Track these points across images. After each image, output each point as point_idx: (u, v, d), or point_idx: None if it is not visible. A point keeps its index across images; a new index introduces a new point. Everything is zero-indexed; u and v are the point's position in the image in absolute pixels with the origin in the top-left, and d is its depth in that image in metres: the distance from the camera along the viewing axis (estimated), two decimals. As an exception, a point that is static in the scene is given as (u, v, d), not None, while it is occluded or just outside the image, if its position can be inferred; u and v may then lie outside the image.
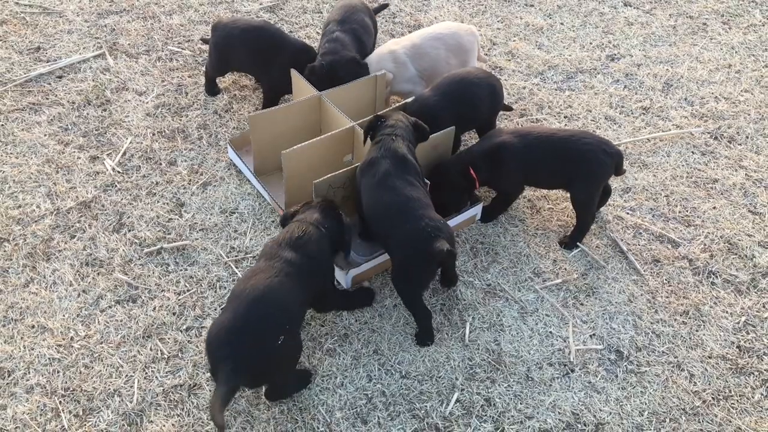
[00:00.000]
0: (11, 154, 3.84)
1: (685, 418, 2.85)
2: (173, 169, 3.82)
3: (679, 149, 4.12)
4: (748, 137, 4.22)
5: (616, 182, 3.81)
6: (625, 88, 4.57)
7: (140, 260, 3.34)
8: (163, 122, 4.10)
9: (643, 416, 2.84)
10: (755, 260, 3.48)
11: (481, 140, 3.60)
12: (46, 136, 3.96)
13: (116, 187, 3.69)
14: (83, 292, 3.19)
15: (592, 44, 4.95)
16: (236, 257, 3.37)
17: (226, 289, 3.22)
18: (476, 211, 3.59)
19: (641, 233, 3.60)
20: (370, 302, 3.19)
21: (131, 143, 3.95)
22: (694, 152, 4.10)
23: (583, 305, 3.26)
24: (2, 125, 4.01)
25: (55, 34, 4.71)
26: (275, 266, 2.71)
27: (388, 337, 3.09)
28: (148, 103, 4.21)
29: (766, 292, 3.34)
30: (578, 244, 3.50)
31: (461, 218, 3.53)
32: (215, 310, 3.13)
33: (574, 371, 2.99)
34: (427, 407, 2.84)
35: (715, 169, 4.00)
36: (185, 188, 3.71)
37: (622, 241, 3.55)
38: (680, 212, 3.73)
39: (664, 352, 3.08)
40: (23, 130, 3.99)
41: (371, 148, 3.17)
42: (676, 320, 3.21)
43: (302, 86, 3.78)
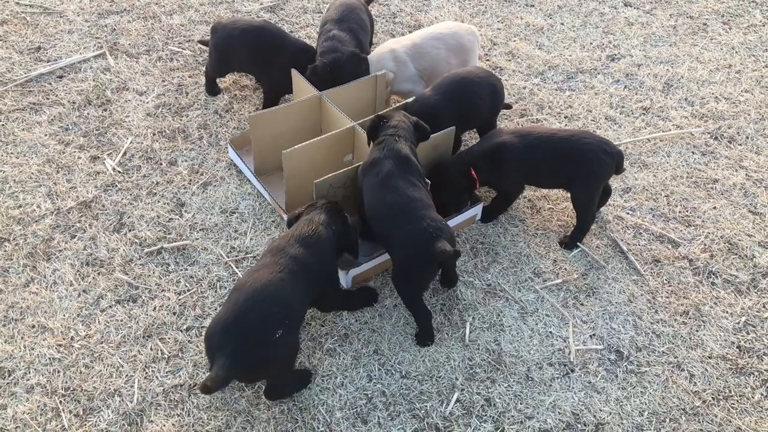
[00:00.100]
0: (12, 153, 3.85)
1: (685, 418, 2.85)
2: (174, 169, 3.82)
3: (679, 149, 4.12)
4: (748, 137, 4.22)
5: (616, 182, 3.81)
6: (625, 88, 4.57)
7: (140, 260, 3.34)
8: (163, 122, 4.10)
9: (643, 416, 2.84)
10: (755, 260, 3.48)
11: (481, 140, 3.60)
12: (46, 136, 3.96)
13: (117, 187, 3.70)
14: (83, 291, 3.19)
15: (592, 44, 4.95)
16: (236, 257, 3.37)
17: (226, 289, 3.22)
18: (476, 211, 3.59)
19: (641, 233, 3.60)
20: (372, 302, 3.20)
21: (132, 143, 3.95)
22: (694, 152, 4.10)
23: (583, 305, 3.26)
24: (3, 125, 4.01)
25: (55, 33, 4.71)
26: (280, 262, 2.72)
27: (388, 337, 3.09)
28: (148, 103, 4.22)
29: (766, 292, 3.34)
30: (578, 244, 3.51)
31: (461, 218, 3.53)
32: (215, 309, 3.13)
33: (574, 371, 2.99)
34: (427, 407, 2.84)
35: (715, 169, 4.00)
36: (186, 188, 3.71)
37: (622, 241, 3.55)
38: (680, 212, 3.73)
39: (664, 352, 3.08)
40: (24, 129, 3.99)
41: (373, 148, 3.17)
42: (676, 320, 3.21)
43: (302, 86, 3.79)
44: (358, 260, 3.20)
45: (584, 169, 3.35)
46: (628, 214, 3.70)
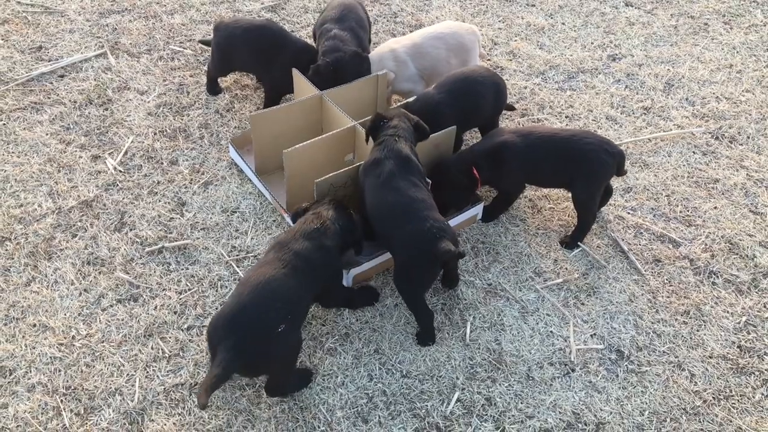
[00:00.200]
0: (13, 153, 3.85)
1: (685, 417, 2.85)
2: (175, 168, 3.82)
3: (680, 149, 4.12)
4: (749, 137, 4.22)
5: (617, 182, 3.81)
6: (626, 88, 4.57)
7: (141, 259, 3.34)
8: (164, 121, 4.10)
9: (643, 416, 2.85)
10: (756, 260, 3.48)
11: (483, 139, 3.61)
12: (47, 135, 3.97)
13: (118, 186, 3.70)
14: (85, 291, 3.19)
15: (593, 44, 4.95)
16: (237, 256, 3.37)
17: (227, 288, 3.23)
18: (477, 210, 3.59)
19: (642, 233, 3.60)
20: (373, 302, 3.20)
21: (133, 142, 3.95)
22: (695, 152, 4.10)
23: (583, 305, 3.26)
24: (4, 124, 4.02)
25: (56, 33, 4.72)
26: (284, 258, 2.74)
27: (389, 336, 3.09)
28: (149, 102, 4.22)
29: (766, 292, 3.34)
30: (579, 243, 3.51)
31: (462, 218, 3.53)
32: (216, 309, 3.13)
33: (574, 371, 2.99)
34: (428, 406, 2.84)
35: (716, 169, 3.99)
36: (187, 187, 3.72)
37: (623, 240, 3.55)
38: (681, 212, 3.73)
39: (664, 351, 3.08)
40: (25, 129, 4.00)
41: (374, 148, 3.18)
42: (676, 320, 3.21)
43: (303, 85, 3.79)
44: (359, 259, 3.20)
45: (585, 168, 3.35)
46: (628, 213, 3.70)
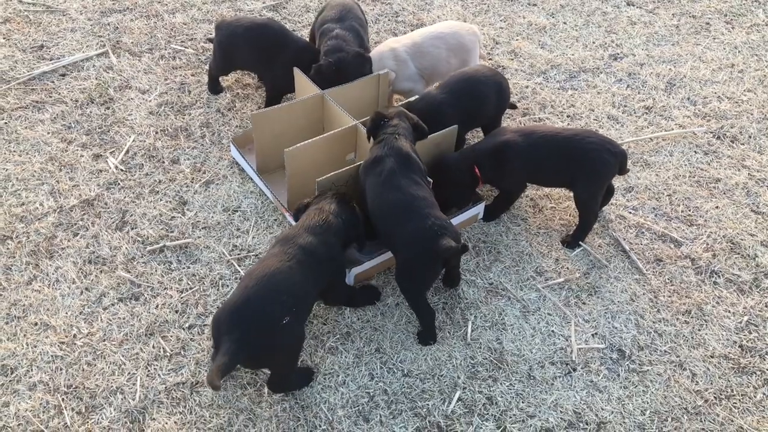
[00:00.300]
0: (14, 152, 3.85)
1: (687, 417, 2.85)
2: (176, 167, 3.83)
3: (681, 149, 4.12)
4: (750, 137, 4.21)
5: (618, 181, 3.80)
6: (627, 87, 4.57)
7: (143, 258, 3.34)
8: (166, 120, 4.10)
9: (645, 415, 2.84)
10: (758, 260, 3.48)
11: (485, 138, 3.61)
12: (49, 134, 3.97)
13: (119, 185, 3.70)
14: (86, 289, 3.19)
15: (594, 43, 4.95)
16: (239, 255, 3.37)
17: (228, 287, 3.23)
18: (479, 210, 3.59)
19: (644, 232, 3.60)
20: (374, 301, 3.20)
21: (134, 141, 3.95)
22: (696, 152, 4.10)
23: (585, 304, 3.26)
24: (6, 123, 4.02)
25: (58, 32, 4.72)
26: (289, 251, 2.75)
27: (390, 335, 3.09)
28: (151, 101, 4.22)
29: (768, 291, 3.34)
30: (580, 243, 3.50)
31: (464, 217, 3.53)
32: (217, 308, 3.13)
33: (576, 370, 2.99)
34: (429, 405, 2.84)
35: (717, 168, 3.99)
36: (188, 186, 3.72)
37: (624, 240, 3.55)
38: (683, 212, 3.72)
39: (666, 351, 3.08)
40: (26, 128, 4.00)
41: (374, 146, 3.18)
42: (678, 319, 3.21)
43: (305, 84, 3.79)
44: (361, 258, 3.20)
45: (587, 168, 3.35)
46: (630, 213, 3.70)
